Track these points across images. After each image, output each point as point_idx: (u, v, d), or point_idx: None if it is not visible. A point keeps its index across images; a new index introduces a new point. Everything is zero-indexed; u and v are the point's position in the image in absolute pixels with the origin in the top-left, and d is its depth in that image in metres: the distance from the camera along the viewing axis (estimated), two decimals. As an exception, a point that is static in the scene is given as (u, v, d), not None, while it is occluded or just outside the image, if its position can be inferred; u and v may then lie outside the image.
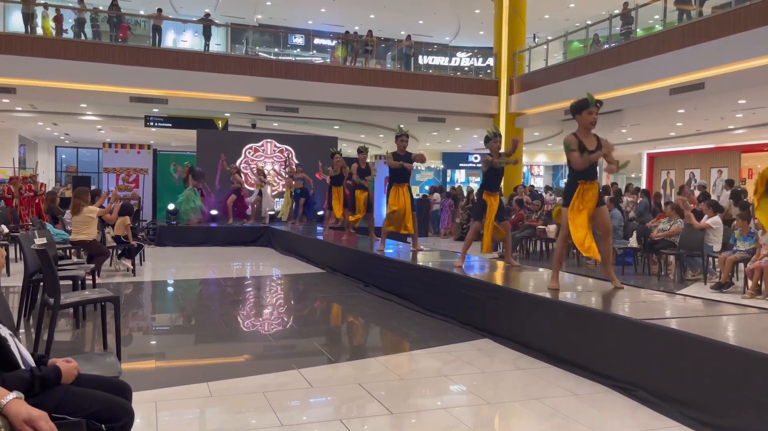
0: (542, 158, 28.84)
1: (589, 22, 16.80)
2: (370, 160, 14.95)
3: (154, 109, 17.15)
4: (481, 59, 22.76)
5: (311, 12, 22.25)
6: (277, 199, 15.97)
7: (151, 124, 17.91)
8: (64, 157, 28.82)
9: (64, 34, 15.08)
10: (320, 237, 10.81)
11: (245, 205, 14.68)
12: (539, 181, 28.05)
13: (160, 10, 16.41)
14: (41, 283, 5.23)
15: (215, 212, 14.61)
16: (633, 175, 25.68)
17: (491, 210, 6.40)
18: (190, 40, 18.10)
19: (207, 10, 18.67)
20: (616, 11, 15.32)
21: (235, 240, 13.31)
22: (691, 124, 17.26)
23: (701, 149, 20.83)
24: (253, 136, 17.30)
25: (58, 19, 15.09)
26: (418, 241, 8.30)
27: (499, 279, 6.01)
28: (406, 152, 7.86)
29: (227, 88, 15.72)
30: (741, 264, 7.98)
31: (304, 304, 7.36)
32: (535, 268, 7.17)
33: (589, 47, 16.16)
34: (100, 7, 16.45)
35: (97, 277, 7.29)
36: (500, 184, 6.56)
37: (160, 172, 15.68)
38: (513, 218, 12.62)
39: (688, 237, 8.85)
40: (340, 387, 3.96)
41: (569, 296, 4.84)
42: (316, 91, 16.35)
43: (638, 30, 14.79)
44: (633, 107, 14.51)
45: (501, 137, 6.47)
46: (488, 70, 19.47)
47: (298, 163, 15.18)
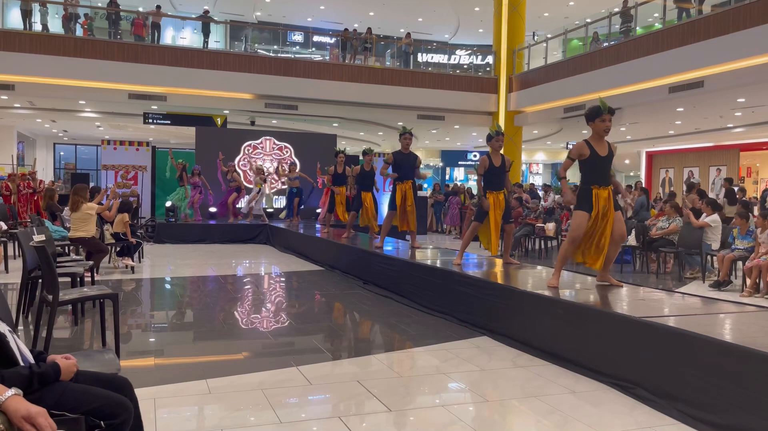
0: (541, 156, 28.86)
1: (589, 20, 16.79)
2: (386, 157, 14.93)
3: (153, 106, 17.13)
4: (480, 57, 22.76)
5: (310, 9, 22.23)
6: (276, 196, 15.96)
7: (150, 121, 17.89)
8: (62, 154, 28.79)
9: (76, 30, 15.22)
10: (319, 235, 10.81)
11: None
12: (538, 179, 28.07)
13: (158, 6, 16.38)
14: (40, 280, 5.22)
15: (214, 209, 14.60)
16: (632, 173, 25.69)
17: (498, 209, 6.35)
18: (189, 37, 18.09)
19: (206, 7, 18.67)
20: (616, 9, 15.31)
21: (234, 237, 13.30)
22: (690, 122, 17.28)
23: (700, 147, 20.85)
24: (252, 133, 17.29)
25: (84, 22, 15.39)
26: (416, 239, 8.31)
27: (498, 277, 6.01)
28: (409, 151, 7.85)
29: (226, 85, 15.71)
30: (739, 263, 7.99)
31: (303, 301, 7.36)
32: (534, 266, 7.18)
33: (588, 45, 16.16)
34: (99, 4, 16.44)
35: (95, 274, 7.29)
36: (504, 182, 6.45)
37: (159, 169, 15.68)
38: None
39: (687, 236, 8.86)
40: (339, 385, 3.96)
41: (568, 294, 4.85)
42: (315, 89, 16.34)
43: (638, 28, 14.80)
44: (632, 105, 14.51)
45: (503, 136, 6.43)
46: (487, 68, 19.46)
47: (293, 162, 15.12)
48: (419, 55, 21.00)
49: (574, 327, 4.36)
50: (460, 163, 28.96)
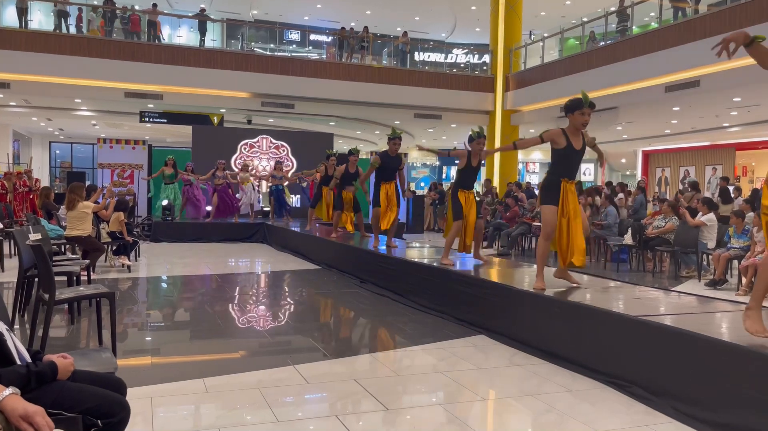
0: (538, 155, 28.88)
1: (585, 19, 16.80)
2: (365, 156, 14.95)
3: (149, 105, 17.10)
4: (477, 56, 22.75)
5: (307, 8, 22.21)
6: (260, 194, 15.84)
7: (146, 119, 17.86)
8: (58, 152, 28.69)
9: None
10: (317, 234, 10.81)
11: (231, 201, 14.51)
12: (534, 178, 28.09)
13: (155, 5, 16.34)
14: (36, 279, 5.21)
15: (209, 208, 14.57)
16: (628, 173, 25.75)
17: (471, 208, 6.42)
18: (185, 35, 18.06)
19: (202, 6, 18.64)
20: (612, 8, 15.33)
21: (231, 236, 13.28)
22: (686, 121, 17.33)
23: (696, 146, 20.90)
24: (249, 132, 17.28)
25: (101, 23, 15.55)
26: (392, 239, 8.33)
27: (494, 276, 6.02)
28: (397, 154, 7.92)
29: (222, 84, 15.69)
30: (735, 262, 8.02)
31: (300, 300, 7.36)
32: (531, 265, 7.18)
33: (585, 44, 16.19)
34: (95, 2, 16.38)
35: (92, 273, 7.27)
36: (474, 182, 6.62)
37: (155, 169, 15.65)
38: (508, 214, 12.64)
39: (683, 235, 8.88)
40: (336, 383, 3.96)
41: (564, 292, 4.85)
42: (312, 88, 16.33)
43: (634, 27, 14.83)
44: (628, 104, 14.55)
45: (485, 139, 6.45)
46: (484, 67, 19.47)
47: (280, 161, 15.07)
48: (416, 53, 21.00)
49: (571, 326, 4.37)
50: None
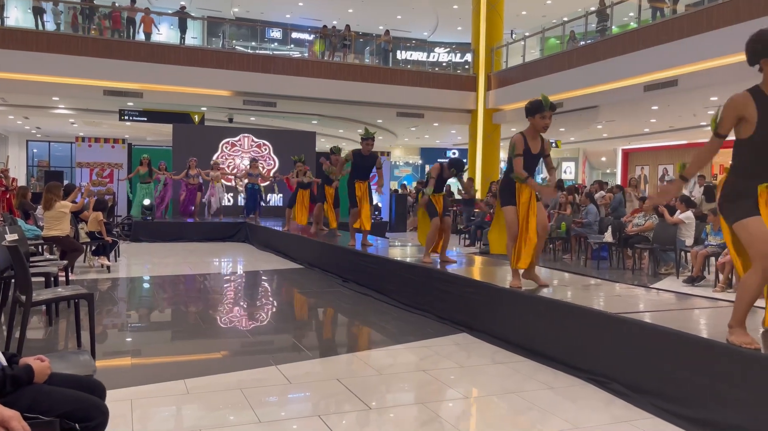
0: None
1: (566, 18, 16.95)
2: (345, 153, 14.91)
3: (129, 103, 16.90)
4: (459, 55, 22.82)
5: (289, 5, 22.09)
6: (229, 193, 15.70)
7: (126, 117, 17.64)
8: (35, 151, 28.24)
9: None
10: (299, 233, 10.77)
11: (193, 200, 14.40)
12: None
13: (133, 1, 16.14)
14: (12, 280, 5.13)
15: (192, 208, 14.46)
16: (608, 171, 26.03)
17: (439, 206, 6.62)
18: (165, 33, 17.86)
19: (182, 3, 18.44)
20: (592, 8, 15.47)
21: (212, 235, 13.19)
22: (664, 120, 17.55)
23: (674, 145, 21.19)
24: (230, 130, 17.15)
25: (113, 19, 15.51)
26: (368, 238, 8.35)
27: (476, 274, 6.05)
28: (371, 153, 7.93)
29: (203, 82, 15.55)
30: (712, 259, 8.14)
31: (282, 300, 7.33)
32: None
33: (565, 44, 16.31)
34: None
35: (70, 274, 7.18)
36: (444, 186, 6.83)
37: (135, 168, 15.47)
38: (492, 212, 12.70)
39: (662, 232, 9.00)
40: (319, 383, 3.95)
41: (545, 291, 4.89)
42: (294, 86, 16.25)
43: (613, 27, 14.97)
44: (608, 103, 14.69)
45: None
46: (466, 66, 19.53)
47: (255, 158, 15.00)
48: (398, 52, 20.99)
49: (552, 324, 4.40)
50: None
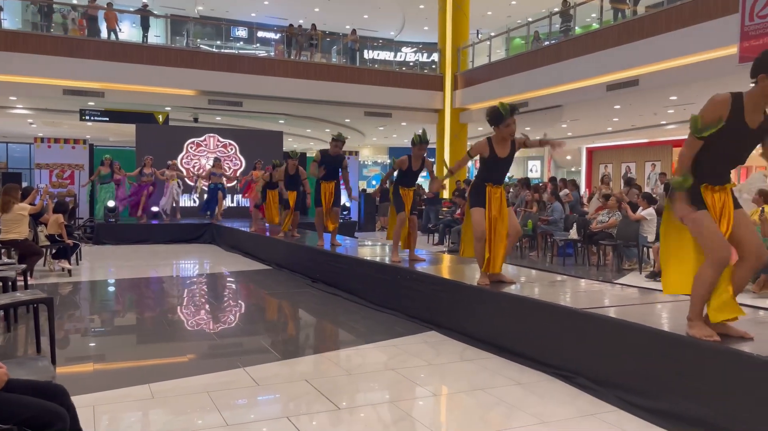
0: (486, 153, 29.33)
1: (530, 19, 17.17)
2: (311, 155, 14.84)
3: (90, 103, 16.52)
4: (426, 54, 22.93)
5: (254, 4, 21.87)
6: (186, 194, 15.48)
7: (87, 117, 17.24)
8: (-8, 152, 27.36)
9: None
10: (267, 234, 10.67)
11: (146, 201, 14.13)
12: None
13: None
14: (-32, 286, 4.96)
15: (156, 209, 14.18)
16: (573, 169, 26.46)
17: (409, 204, 6.57)
18: (127, 31, 17.49)
19: (145, 1, 18.09)
20: (556, 9, 15.72)
21: (178, 237, 12.98)
22: (626, 119, 17.93)
23: (636, 143, 21.65)
24: (196, 130, 16.90)
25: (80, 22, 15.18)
26: (336, 238, 8.34)
27: (444, 272, 6.08)
28: (338, 155, 7.82)
29: (167, 82, 15.29)
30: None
31: (250, 301, 7.26)
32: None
33: (530, 44, 16.53)
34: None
35: (29, 278, 6.98)
36: (416, 181, 6.73)
37: (97, 169, 15.12)
38: (458, 212, 12.80)
39: (625, 229, 9.19)
40: (287, 385, 3.92)
41: (512, 287, 4.94)
42: (261, 85, 16.11)
43: (577, 28, 15.24)
44: (572, 103, 14.94)
45: (426, 145, 6.45)
46: (433, 66, 19.64)
47: (219, 158, 14.84)
48: (365, 52, 20.99)
49: (519, 320, 4.46)
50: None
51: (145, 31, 16.16)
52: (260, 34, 22.11)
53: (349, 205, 16.53)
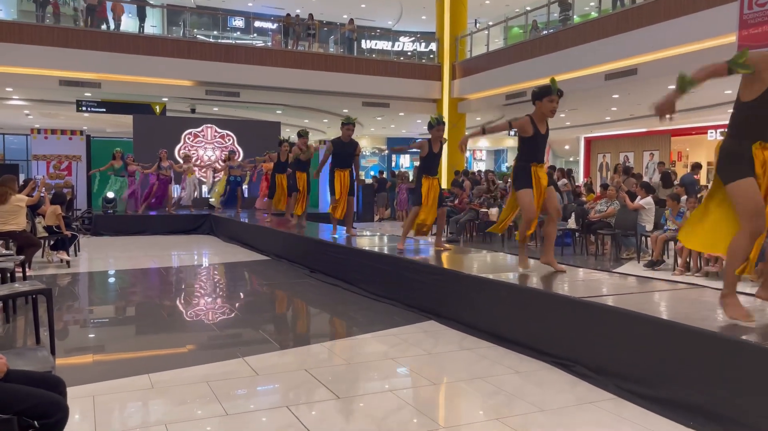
0: (484, 143, 29.29)
1: (529, 8, 17.08)
2: (314, 143, 14.80)
3: (87, 93, 16.43)
4: (423, 44, 22.83)
5: (251, -6, 21.74)
6: (205, 186, 15.50)
7: (84, 108, 17.15)
8: (-11, 143, 27.26)
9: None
10: (265, 224, 10.66)
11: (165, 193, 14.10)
12: (482, 166, 28.49)
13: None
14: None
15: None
16: (571, 159, 26.45)
17: (432, 192, 6.42)
18: (123, 21, 17.36)
19: (141, -10, 17.94)
20: (554, -3, 15.63)
21: (176, 228, 12.97)
22: (625, 108, 17.88)
23: (634, 133, 21.62)
24: (193, 121, 16.85)
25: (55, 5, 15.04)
26: (351, 227, 8.33)
27: (443, 262, 6.08)
28: (351, 140, 7.84)
29: (164, 72, 15.21)
30: (671, 243, 8.36)
31: (249, 292, 7.26)
32: (479, 250, 7.30)
33: (528, 33, 16.46)
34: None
35: (27, 269, 6.96)
36: (438, 168, 6.58)
37: (94, 159, 15.08)
38: (456, 202, 12.79)
39: (623, 218, 9.20)
40: (287, 374, 3.93)
41: (511, 276, 4.95)
42: (258, 75, 16.03)
43: (575, 17, 15.17)
44: (571, 92, 14.81)
45: (444, 125, 6.39)
46: (431, 55, 19.56)
47: (233, 150, 14.79)
48: (363, 41, 20.87)
49: (518, 309, 4.46)
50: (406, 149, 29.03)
51: (142, 21, 16.07)
52: (257, 23, 21.96)
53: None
